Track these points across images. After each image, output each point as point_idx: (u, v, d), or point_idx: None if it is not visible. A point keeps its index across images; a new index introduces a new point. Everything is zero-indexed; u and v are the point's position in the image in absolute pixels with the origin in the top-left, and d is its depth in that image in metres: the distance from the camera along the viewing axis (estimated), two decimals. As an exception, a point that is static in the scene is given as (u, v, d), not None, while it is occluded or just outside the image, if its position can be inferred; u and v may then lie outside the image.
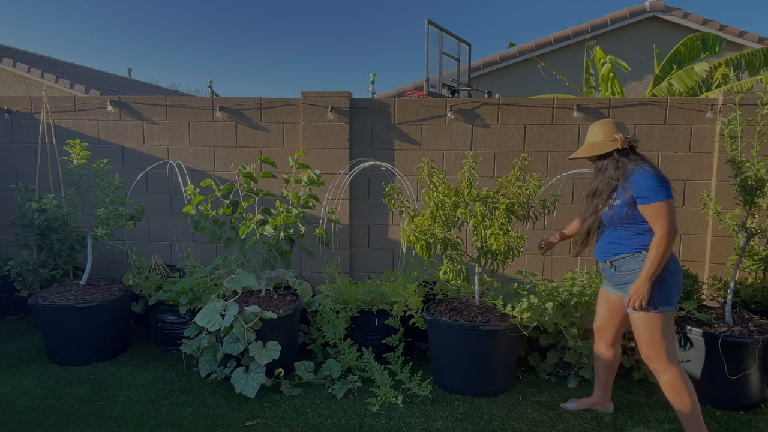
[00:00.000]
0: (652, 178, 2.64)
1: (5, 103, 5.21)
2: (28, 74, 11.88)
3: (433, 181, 3.63)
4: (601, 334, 3.14)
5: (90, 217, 4.83)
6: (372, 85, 5.73)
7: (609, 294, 3.03)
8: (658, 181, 2.63)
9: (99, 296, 4.10)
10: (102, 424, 3.13)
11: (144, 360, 4.09)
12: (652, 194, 2.62)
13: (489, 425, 3.15)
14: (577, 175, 4.71)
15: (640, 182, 2.66)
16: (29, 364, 3.98)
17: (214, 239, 3.80)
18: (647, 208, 2.64)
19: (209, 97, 5.11)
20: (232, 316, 3.47)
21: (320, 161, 4.86)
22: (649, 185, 2.63)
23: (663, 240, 2.60)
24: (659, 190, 2.62)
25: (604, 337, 3.12)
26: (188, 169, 4.96)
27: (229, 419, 3.19)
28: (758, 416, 3.26)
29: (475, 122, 4.81)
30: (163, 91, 18.74)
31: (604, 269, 2.95)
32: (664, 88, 6.61)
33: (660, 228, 2.61)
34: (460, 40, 6.74)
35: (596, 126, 2.93)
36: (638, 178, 2.67)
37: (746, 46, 9.30)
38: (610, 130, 2.84)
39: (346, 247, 4.98)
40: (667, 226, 2.60)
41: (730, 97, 4.32)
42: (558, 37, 10.06)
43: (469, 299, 3.94)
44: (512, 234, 3.45)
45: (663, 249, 2.60)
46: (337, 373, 3.68)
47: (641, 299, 2.66)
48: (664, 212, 2.60)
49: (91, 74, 14.93)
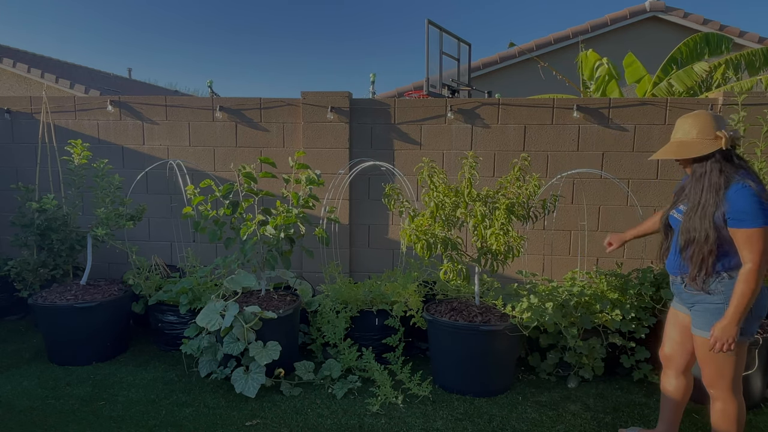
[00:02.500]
0: (752, 198, 2.22)
1: (5, 103, 5.21)
2: (28, 74, 11.88)
3: (433, 181, 3.63)
4: (671, 361, 2.72)
5: (90, 217, 4.83)
6: (372, 85, 5.73)
7: (679, 313, 2.64)
8: (758, 204, 2.21)
9: (99, 296, 4.10)
10: (102, 424, 3.13)
11: (144, 360, 4.09)
12: (748, 218, 2.21)
13: (489, 425, 3.15)
14: (577, 175, 4.71)
15: (737, 201, 2.24)
16: (29, 364, 3.98)
17: (214, 239, 3.80)
18: (739, 233, 2.24)
19: (209, 97, 5.11)
20: (232, 316, 3.47)
21: (320, 161, 4.86)
22: (747, 207, 2.22)
23: (754, 273, 2.22)
24: (758, 215, 2.20)
25: (674, 364, 2.70)
26: (188, 169, 4.96)
27: (229, 419, 3.19)
28: (758, 416, 3.26)
29: (475, 122, 4.81)
30: (162, 91, 18.74)
31: (674, 284, 2.59)
32: (663, 88, 6.61)
33: (751, 259, 2.22)
34: (460, 40, 6.74)
35: (687, 120, 2.45)
36: (736, 196, 2.25)
37: (746, 46, 9.30)
38: (707, 125, 2.37)
39: (346, 247, 4.98)
40: (759, 257, 2.21)
41: (733, 98, 4.31)
42: (558, 37, 10.07)
43: (469, 299, 3.94)
44: (512, 234, 3.45)
45: (754, 285, 2.23)
46: (337, 373, 3.68)
47: (729, 343, 2.29)
48: (758, 240, 2.21)
49: (91, 74, 14.93)
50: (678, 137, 2.49)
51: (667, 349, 2.74)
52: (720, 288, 2.37)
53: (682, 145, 2.44)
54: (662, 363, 2.79)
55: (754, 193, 2.24)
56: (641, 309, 3.69)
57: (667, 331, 2.74)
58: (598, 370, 3.67)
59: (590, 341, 3.64)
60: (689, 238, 2.39)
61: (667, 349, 2.74)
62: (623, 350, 3.74)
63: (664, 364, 2.77)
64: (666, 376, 2.77)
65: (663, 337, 2.78)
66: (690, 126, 2.43)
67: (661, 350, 2.79)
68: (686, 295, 2.52)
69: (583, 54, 7.12)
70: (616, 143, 4.70)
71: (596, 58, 6.99)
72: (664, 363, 2.77)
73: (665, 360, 2.76)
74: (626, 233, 3.04)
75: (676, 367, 2.71)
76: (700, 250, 2.36)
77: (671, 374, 2.74)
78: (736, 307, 2.27)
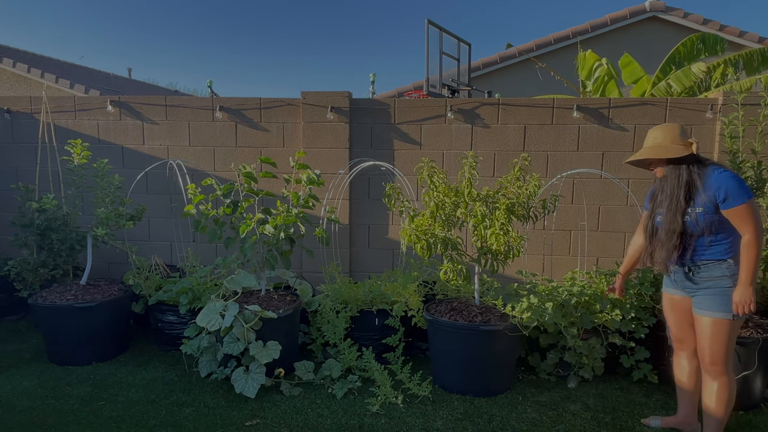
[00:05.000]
0: (733, 178, 2.55)
1: (5, 103, 5.21)
2: (28, 74, 11.88)
3: (433, 181, 3.63)
4: (683, 342, 2.92)
5: (90, 217, 4.83)
6: (372, 85, 5.73)
7: (675, 297, 2.87)
8: (739, 182, 2.54)
9: (99, 296, 4.10)
10: (102, 424, 3.13)
11: (144, 360, 4.09)
12: (735, 197, 2.52)
13: (489, 425, 3.15)
14: (577, 175, 4.72)
15: (721, 185, 2.54)
16: (29, 364, 3.98)
17: (214, 239, 3.80)
18: (732, 212, 2.54)
19: (209, 97, 5.11)
20: (232, 316, 3.47)
21: (320, 161, 4.86)
22: (731, 187, 2.53)
23: (754, 241, 2.53)
24: (741, 192, 2.52)
25: (687, 345, 2.91)
26: (188, 169, 4.96)
27: (229, 419, 3.19)
28: (758, 416, 3.26)
29: (475, 122, 4.81)
30: (162, 91, 18.74)
31: (676, 273, 2.80)
32: (662, 88, 6.61)
33: (748, 231, 2.53)
34: (460, 40, 6.75)
35: (658, 130, 2.78)
36: (719, 178, 2.56)
37: (746, 46, 9.29)
38: (677, 134, 2.71)
39: (346, 247, 4.98)
40: (754, 227, 2.52)
41: (732, 97, 4.32)
42: (558, 37, 10.06)
43: (469, 299, 3.95)
44: (512, 234, 3.45)
45: (756, 251, 2.53)
46: (337, 373, 3.68)
47: (749, 303, 2.54)
48: (748, 213, 2.52)
49: (91, 74, 14.92)
50: (650, 143, 2.78)
51: (675, 330, 2.92)
52: (728, 273, 2.62)
53: (659, 147, 2.73)
54: (674, 347, 2.97)
55: (733, 174, 2.57)
56: (641, 309, 3.70)
57: (670, 317, 2.94)
58: (598, 370, 3.68)
59: (590, 341, 3.65)
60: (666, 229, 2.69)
61: (675, 331, 2.93)
62: (623, 350, 3.74)
63: (677, 347, 2.95)
64: (678, 358, 2.96)
65: (667, 323, 2.97)
66: (663, 134, 2.74)
67: (672, 334, 2.96)
68: (690, 284, 2.73)
69: (582, 54, 7.12)
70: (616, 143, 4.70)
71: (595, 59, 6.98)
72: (677, 346, 2.95)
73: (678, 342, 2.93)
74: (621, 274, 3.21)
75: (689, 347, 2.89)
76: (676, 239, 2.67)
77: (684, 356, 2.93)
78: (747, 272, 2.55)
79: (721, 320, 2.62)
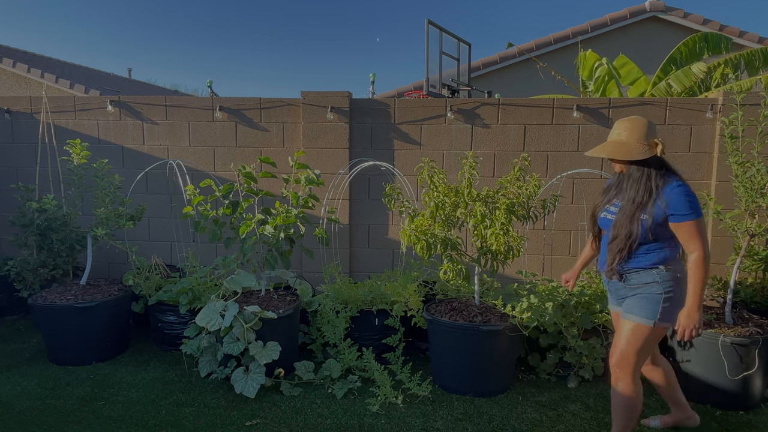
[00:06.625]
0: (687, 194, 2.47)
1: (5, 103, 5.21)
2: (28, 74, 11.88)
3: (433, 181, 3.63)
4: None
5: (90, 217, 4.83)
6: (372, 85, 5.73)
7: (617, 312, 2.81)
8: (692, 198, 2.47)
9: (99, 296, 4.10)
10: (102, 424, 3.13)
11: (144, 360, 4.09)
12: (687, 212, 2.45)
13: (489, 425, 3.15)
14: (577, 175, 4.71)
15: (674, 199, 2.47)
16: (29, 364, 3.98)
17: (214, 239, 3.80)
18: (682, 227, 2.47)
19: (209, 97, 5.11)
20: (232, 316, 3.47)
21: (320, 161, 4.86)
22: (684, 202, 2.46)
23: (701, 261, 2.45)
24: (693, 208, 2.46)
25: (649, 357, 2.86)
26: (188, 169, 4.96)
27: (229, 419, 3.19)
28: (758, 416, 3.26)
29: (475, 122, 4.81)
30: (163, 90, 18.75)
31: (609, 282, 2.77)
32: (662, 88, 6.61)
33: (695, 248, 2.46)
34: (460, 40, 6.74)
35: (625, 123, 2.62)
36: (673, 194, 2.48)
37: (746, 46, 9.29)
38: (644, 132, 2.56)
39: (346, 247, 4.98)
40: (702, 246, 2.46)
41: (732, 97, 4.32)
42: (558, 37, 10.06)
43: (469, 299, 3.94)
44: (512, 234, 3.45)
45: (703, 270, 2.46)
46: (337, 373, 3.68)
47: (695, 328, 2.48)
48: (697, 230, 2.46)
49: (91, 74, 14.93)
50: (615, 138, 2.64)
51: None
52: (658, 279, 2.56)
53: (622, 145, 2.58)
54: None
55: (688, 191, 2.49)
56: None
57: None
58: (598, 370, 3.68)
59: (590, 341, 3.65)
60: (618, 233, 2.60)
61: None
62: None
63: None
64: (646, 370, 2.95)
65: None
66: (629, 130, 2.58)
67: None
68: (622, 292, 2.69)
69: (583, 54, 7.12)
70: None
71: (596, 59, 6.98)
72: None
73: None
74: (576, 267, 3.16)
75: (651, 358, 2.90)
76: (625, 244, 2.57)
77: (649, 365, 2.92)
78: (694, 294, 2.48)
79: (640, 325, 2.56)
